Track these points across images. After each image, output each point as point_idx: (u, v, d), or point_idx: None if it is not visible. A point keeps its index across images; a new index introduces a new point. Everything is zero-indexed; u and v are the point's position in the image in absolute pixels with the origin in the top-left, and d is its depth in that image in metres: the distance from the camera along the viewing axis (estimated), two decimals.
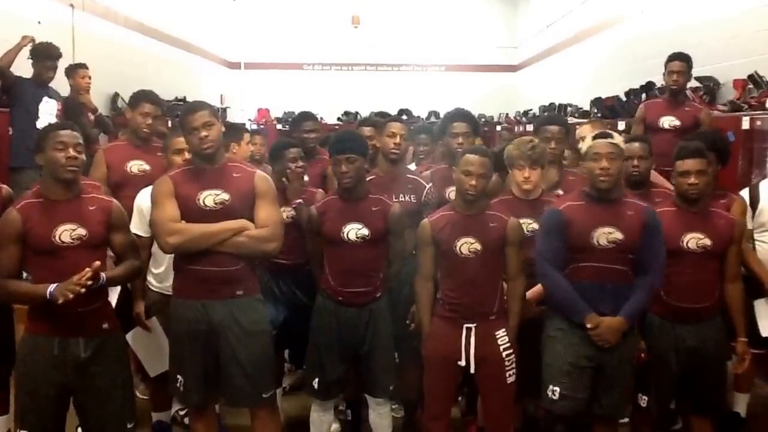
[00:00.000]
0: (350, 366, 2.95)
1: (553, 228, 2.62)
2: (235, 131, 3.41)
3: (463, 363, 2.64)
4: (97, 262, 2.30)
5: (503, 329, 2.67)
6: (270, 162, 3.30)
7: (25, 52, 4.67)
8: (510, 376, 2.67)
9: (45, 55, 4.64)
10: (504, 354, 2.65)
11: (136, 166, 3.35)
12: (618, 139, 2.63)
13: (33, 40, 4.67)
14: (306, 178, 3.31)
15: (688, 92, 4.67)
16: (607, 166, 2.55)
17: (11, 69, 4.59)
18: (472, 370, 2.65)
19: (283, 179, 3.16)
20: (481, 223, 2.65)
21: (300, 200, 3.13)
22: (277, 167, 3.20)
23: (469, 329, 2.64)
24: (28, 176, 4.13)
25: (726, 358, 2.91)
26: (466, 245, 2.63)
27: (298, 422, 3.30)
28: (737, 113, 4.55)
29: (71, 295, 2.24)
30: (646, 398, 2.81)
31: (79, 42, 6.30)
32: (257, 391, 2.64)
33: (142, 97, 3.44)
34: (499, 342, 2.65)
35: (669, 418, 3.14)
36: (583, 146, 2.69)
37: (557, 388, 2.61)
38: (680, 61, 4.30)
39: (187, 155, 2.89)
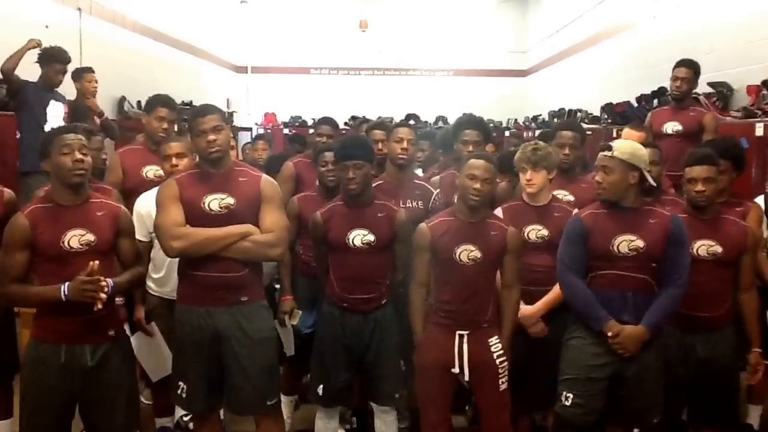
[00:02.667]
0: (355, 373, 2.91)
1: (573, 236, 2.60)
2: None
3: (456, 370, 2.61)
4: (96, 261, 2.28)
5: (496, 336, 2.65)
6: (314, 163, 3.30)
7: (32, 56, 4.65)
8: (503, 383, 2.64)
9: (55, 59, 4.63)
10: (497, 361, 2.63)
11: (151, 171, 3.34)
12: (619, 150, 2.53)
13: (39, 43, 4.66)
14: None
15: (701, 98, 4.61)
16: (599, 180, 2.56)
17: (16, 74, 4.58)
18: (466, 378, 2.62)
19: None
20: (482, 231, 2.63)
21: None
22: (318, 171, 3.22)
23: (462, 336, 2.61)
24: (38, 180, 4.11)
25: (738, 369, 2.85)
26: (466, 253, 2.60)
27: (303, 430, 3.26)
28: (751, 119, 4.49)
29: (99, 305, 2.25)
30: None
31: (87, 46, 6.31)
32: (261, 398, 2.61)
33: (158, 101, 3.45)
34: (493, 349, 2.64)
35: (679, 430, 3.08)
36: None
37: (571, 395, 2.57)
38: (685, 67, 4.28)
39: (174, 161, 2.90)
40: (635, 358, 2.53)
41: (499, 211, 2.85)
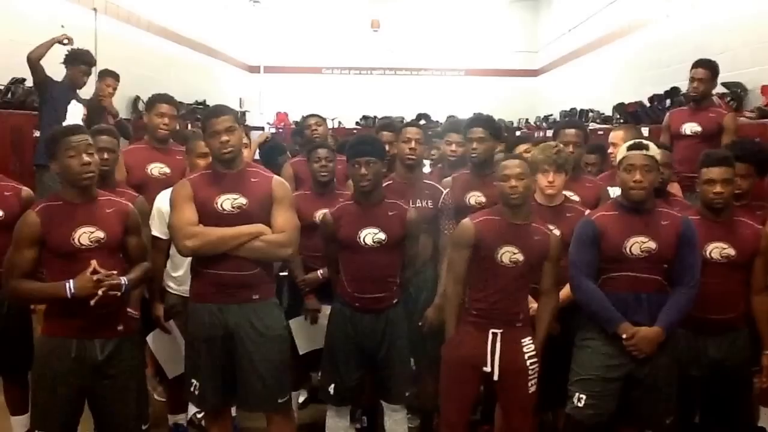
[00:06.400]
0: (366, 372, 2.92)
1: (585, 238, 2.58)
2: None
3: (488, 369, 2.59)
4: (94, 261, 2.31)
5: (529, 337, 2.63)
6: (307, 161, 3.34)
7: (60, 56, 4.72)
8: (532, 385, 2.62)
9: (81, 60, 4.71)
10: (528, 363, 2.61)
11: (156, 168, 3.39)
12: (653, 150, 2.56)
13: (70, 39, 4.72)
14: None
15: (715, 98, 4.57)
16: (640, 179, 2.50)
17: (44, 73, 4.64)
18: (496, 377, 2.60)
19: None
20: (526, 234, 2.60)
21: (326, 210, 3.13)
22: (310, 167, 3.25)
23: (495, 335, 2.60)
24: (51, 174, 4.17)
25: (752, 372, 2.83)
26: (508, 254, 2.57)
27: (314, 428, 3.28)
28: (765, 120, 4.46)
29: (99, 294, 2.27)
30: None
31: (102, 45, 6.38)
32: (273, 395, 2.63)
33: (157, 98, 3.50)
34: (525, 350, 2.61)
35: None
36: (618, 155, 2.63)
37: (584, 396, 2.56)
38: (703, 68, 4.20)
39: (210, 159, 2.90)
40: (649, 360, 2.52)
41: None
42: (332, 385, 2.86)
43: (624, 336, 2.50)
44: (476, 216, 2.67)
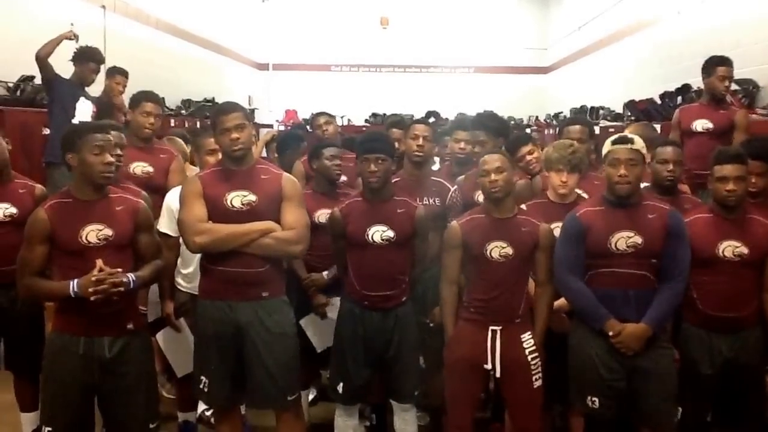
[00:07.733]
0: (375, 370, 2.91)
1: (571, 235, 2.58)
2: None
3: (489, 366, 2.59)
4: (100, 260, 2.30)
5: (528, 332, 2.63)
6: (309, 161, 3.29)
7: (67, 54, 4.74)
8: (536, 380, 2.62)
9: (90, 58, 4.73)
10: (529, 357, 2.61)
11: (139, 167, 3.36)
12: (639, 144, 2.54)
13: (76, 36, 4.74)
14: (344, 177, 3.30)
15: (727, 95, 4.53)
16: (625, 174, 2.49)
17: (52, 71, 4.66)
18: (498, 374, 2.60)
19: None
20: (512, 228, 2.61)
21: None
22: (316, 165, 3.20)
23: (494, 332, 2.60)
24: (62, 172, 4.19)
25: (765, 370, 2.80)
26: (497, 249, 2.59)
27: (322, 426, 3.28)
28: None
29: (101, 295, 2.25)
30: (681, 409, 2.72)
31: (111, 43, 6.39)
32: (282, 393, 2.63)
33: (143, 97, 3.46)
34: (525, 345, 2.61)
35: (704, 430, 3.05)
36: (603, 149, 2.62)
37: (596, 399, 2.55)
38: (729, 66, 4.15)
39: (220, 156, 2.90)
40: (643, 356, 2.50)
41: (523, 209, 2.83)
42: (341, 384, 2.86)
43: (611, 333, 2.49)
44: (463, 216, 2.71)
